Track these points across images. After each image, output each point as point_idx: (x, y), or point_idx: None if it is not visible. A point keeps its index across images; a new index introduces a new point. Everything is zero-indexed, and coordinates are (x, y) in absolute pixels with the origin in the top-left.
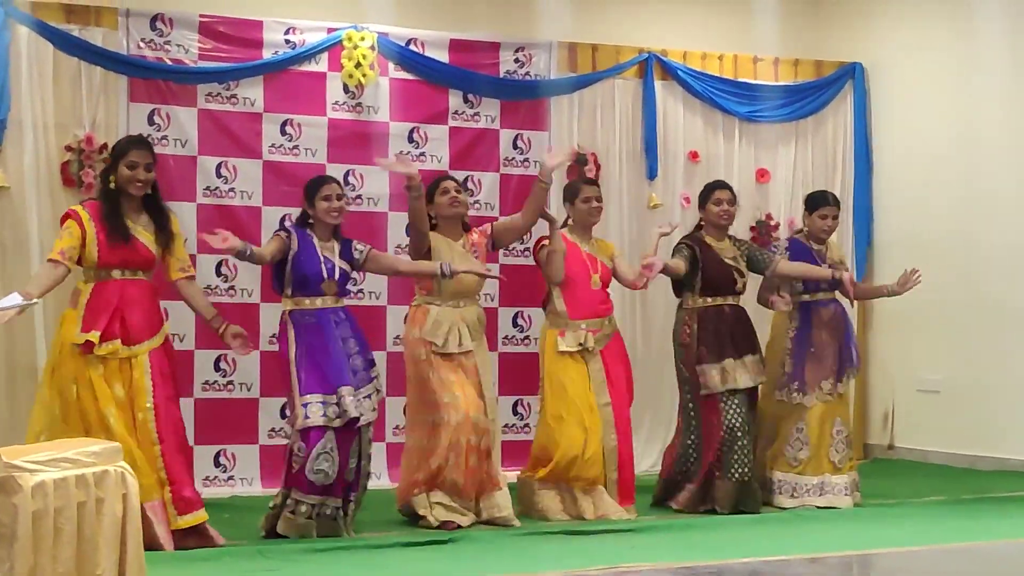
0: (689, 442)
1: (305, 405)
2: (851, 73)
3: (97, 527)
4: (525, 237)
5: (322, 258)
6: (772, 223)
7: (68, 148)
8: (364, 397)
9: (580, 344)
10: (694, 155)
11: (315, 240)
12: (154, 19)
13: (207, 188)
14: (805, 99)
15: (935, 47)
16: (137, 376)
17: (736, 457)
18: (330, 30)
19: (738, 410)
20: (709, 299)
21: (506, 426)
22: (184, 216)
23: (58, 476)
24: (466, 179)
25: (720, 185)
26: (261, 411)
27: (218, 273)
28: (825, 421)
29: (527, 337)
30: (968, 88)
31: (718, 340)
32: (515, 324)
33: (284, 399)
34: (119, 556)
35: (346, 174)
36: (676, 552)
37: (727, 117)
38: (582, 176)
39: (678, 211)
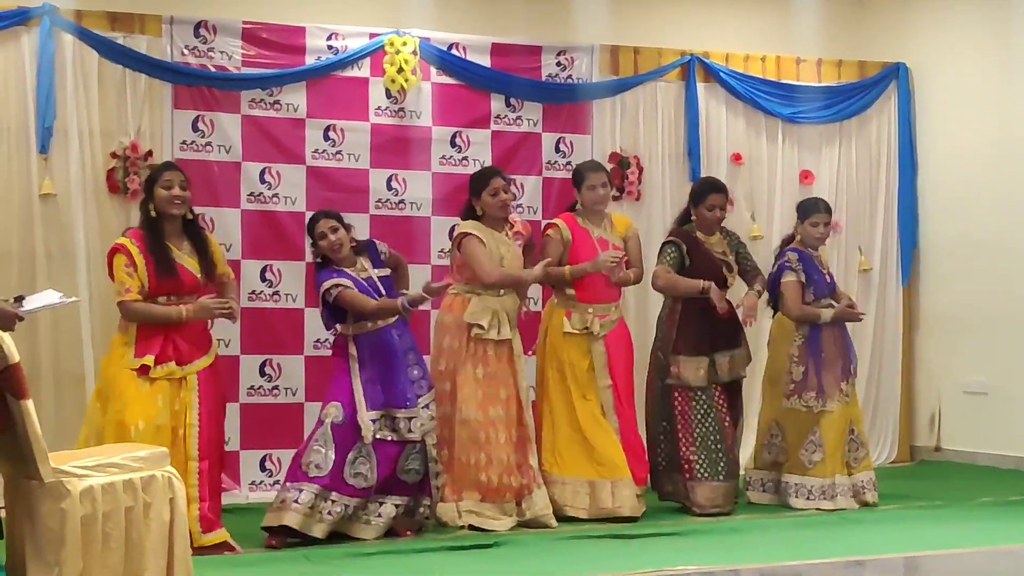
0: (660, 431)
1: (374, 421)
2: (895, 73)
3: (145, 532)
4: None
5: (363, 284)
6: None
7: (113, 155)
8: (423, 407)
9: (586, 327)
10: (737, 157)
11: (347, 271)
12: (198, 26)
13: (251, 194)
14: (848, 100)
15: (980, 47)
16: (184, 394)
17: (715, 457)
18: (372, 35)
19: (715, 406)
20: None
21: None
22: (228, 222)
23: (106, 481)
24: (508, 183)
25: (715, 188)
26: (306, 415)
27: (263, 278)
28: (841, 424)
29: None
30: (1013, 89)
31: (700, 335)
32: None
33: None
34: (167, 560)
35: (389, 179)
36: (721, 555)
37: (770, 119)
38: (590, 161)
39: None
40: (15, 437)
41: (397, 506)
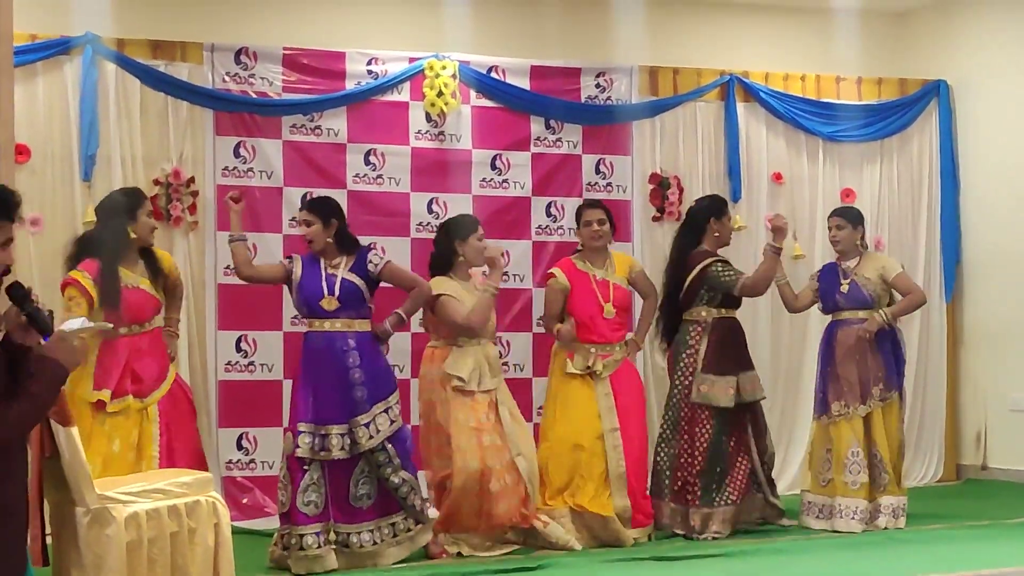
0: (665, 457)
1: (299, 433)
2: (936, 91)
3: (190, 557)
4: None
5: (324, 276)
6: None
7: (156, 182)
8: (363, 424)
9: (588, 367)
10: (778, 176)
11: (321, 261)
12: (238, 53)
13: (293, 219)
14: (889, 118)
15: (1021, 64)
16: (146, 425)
17: (726, 481)
18: (412, 60)
19: (739, 427)
20: (724, 310)
21: None
22: (270, 247)
23: (150, 507)
24: (549, 204)
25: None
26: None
27: None
28: (842, 441)
29: None
30: None
31: (729, 353)
32: None
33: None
34: None
35: (430, 202)
36: None
37: (810, 138)
38: (590, 199)
39: (763, 233)
40: (60, 464)
41: (392, 525)
